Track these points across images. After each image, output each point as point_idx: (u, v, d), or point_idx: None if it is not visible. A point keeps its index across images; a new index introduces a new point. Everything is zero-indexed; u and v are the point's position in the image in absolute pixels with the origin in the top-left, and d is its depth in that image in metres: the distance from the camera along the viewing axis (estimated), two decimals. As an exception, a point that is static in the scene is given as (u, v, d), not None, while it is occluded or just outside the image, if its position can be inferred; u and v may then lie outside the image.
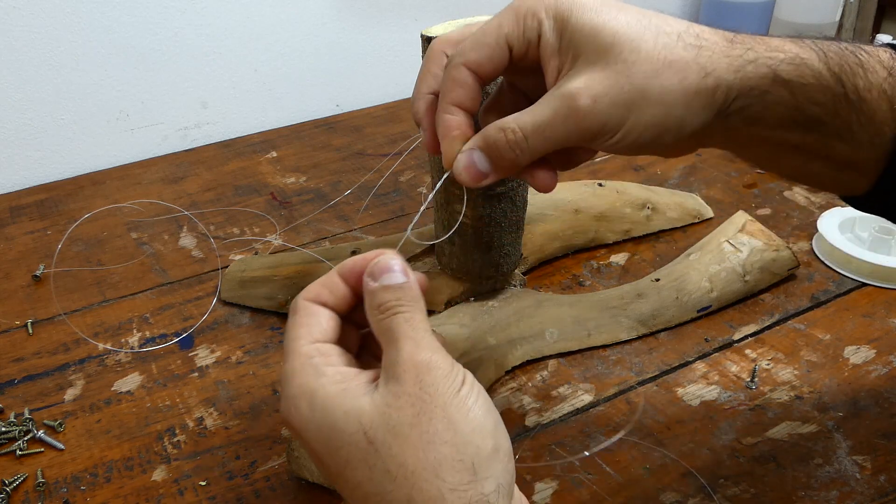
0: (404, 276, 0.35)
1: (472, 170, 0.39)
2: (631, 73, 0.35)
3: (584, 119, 0.36)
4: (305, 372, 0.34)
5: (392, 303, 0.34)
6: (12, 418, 0.56)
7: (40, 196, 0.87)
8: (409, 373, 0.32)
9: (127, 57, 0.90)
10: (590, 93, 0.35)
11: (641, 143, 0.37)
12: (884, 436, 0.52)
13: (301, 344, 0.35)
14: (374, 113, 1.04)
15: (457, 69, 0.38)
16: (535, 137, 0.37)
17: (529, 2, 0.38)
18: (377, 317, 0.34)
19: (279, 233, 0.77)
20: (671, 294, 0.62)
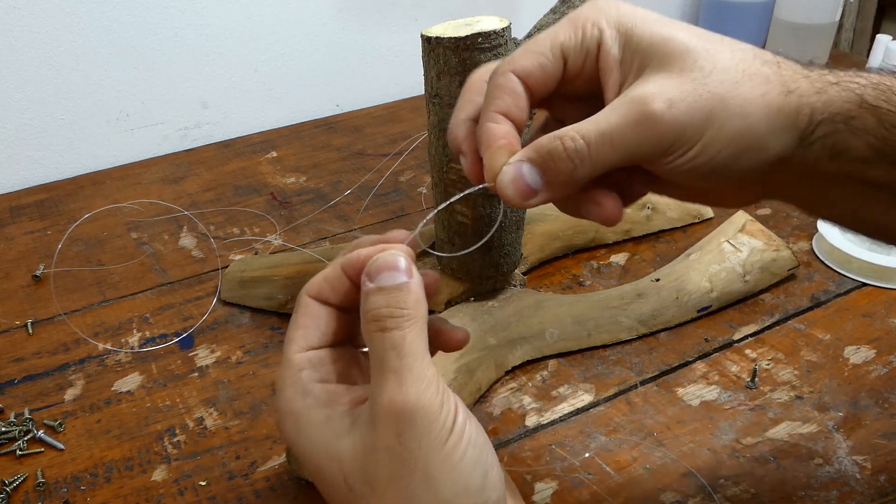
0: (406, 276, 0.31)
1: (520, 183, 0.33)
2: (708, 80, 0.32)
3: (658, 125, 0.31)
4: (293, 386, 0.32)
5: (384, 312, 0.31)
6: (12, 418, 0.56)
7: (40, 196, 0.87)
8: (388, 420, 0.29)
9: (127, 57, 0.90)
10: (664, 96, 0.31)
11: (718, 163, 0.32)
12: (884, 436, 0.52)
13: (293, 350, 0.33)
14: (374, 113, 1.04)
15: (504, 76, 0.34)
16: (598, 147, 0.32)
17: (589, 11, 0.34)
18: (366, 328, 0.31)
19: (279, 233, 0.77)
20: (671, 294, 0.62)
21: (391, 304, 0.31)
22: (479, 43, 0.49)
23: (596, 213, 0.35)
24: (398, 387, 0.29)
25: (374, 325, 0.31)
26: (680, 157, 0.32)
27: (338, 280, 0.34)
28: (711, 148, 0.32)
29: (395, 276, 0.31)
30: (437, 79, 0.52)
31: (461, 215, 0.57)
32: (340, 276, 0.34)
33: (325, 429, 0.31)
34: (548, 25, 0.55)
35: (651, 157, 0.32)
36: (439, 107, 0.53)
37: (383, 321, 0.30)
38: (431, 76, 0.52)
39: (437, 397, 0.30)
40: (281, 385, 0.33)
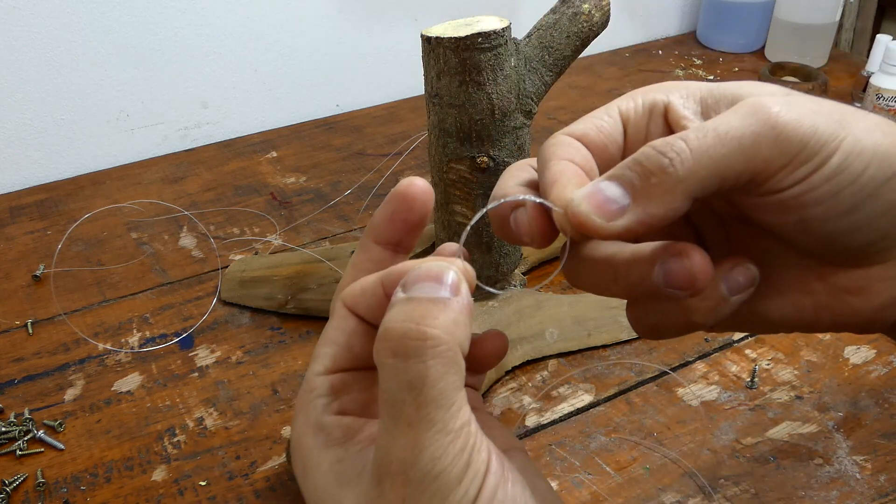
0: (450, 291, 0.24)
1: (599, 197, 0.25)
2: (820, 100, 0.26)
3: (781, 120, 0.24)
4: (306, 416, 0.28)
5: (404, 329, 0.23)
6: (12, 418, 0.56)
7: (40, 196, 0.87)
8: (394, 483, 0.23)
9: (127, 57, 0.90)
10: (779, 99, 0.25)
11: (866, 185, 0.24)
12: (884, 436, 0.52)
13: (315, 370, 0.28)
14: (374, 113, 1.04)
15: (559, 137, 0.28)
16: (701, 142, 0.24)
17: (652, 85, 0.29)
18: (379, 349, 0.24)
19: (279, 233, 0.77)
20: (671, 294, 0.62)
21: (416, 319, 0.23)
22: (479, 43, 0.49)
23: (680, 271, 0.25)
24: (411, 443, 0.23)
25: (388, 346, 0.23)
26: (816, 172, 0.24)
27: (373, 292, 0.27)
28: (854, 161, 0.24)
29: (434, 289, 0.24)
30: (437, 79, 0.52)
31: (461, 216, 0.57)
32: (377, 288, 0.27)
33: (330, 475, 0.26)
34: (548, 25, 0.55)
35: (774, 167, 0.24)
36: (439, 107, 0.53)
37: (401, 343, 0.23)
38: (431, 76, 0.52)
39: (462, 459, 0.23)
40: (297, 409, 0.28)
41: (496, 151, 0.54)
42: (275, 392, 0.58)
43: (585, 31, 0.55)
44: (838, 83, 1.03)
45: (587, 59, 1.13)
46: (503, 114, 0.53)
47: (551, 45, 0.54)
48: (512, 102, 0.53)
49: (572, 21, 0.55)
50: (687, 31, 1.25)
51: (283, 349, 0.62)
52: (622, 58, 1.16)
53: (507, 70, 0.52)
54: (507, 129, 0.53)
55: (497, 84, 0.51)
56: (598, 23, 0.56)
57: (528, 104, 0.54)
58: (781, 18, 1.08)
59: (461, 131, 0.53)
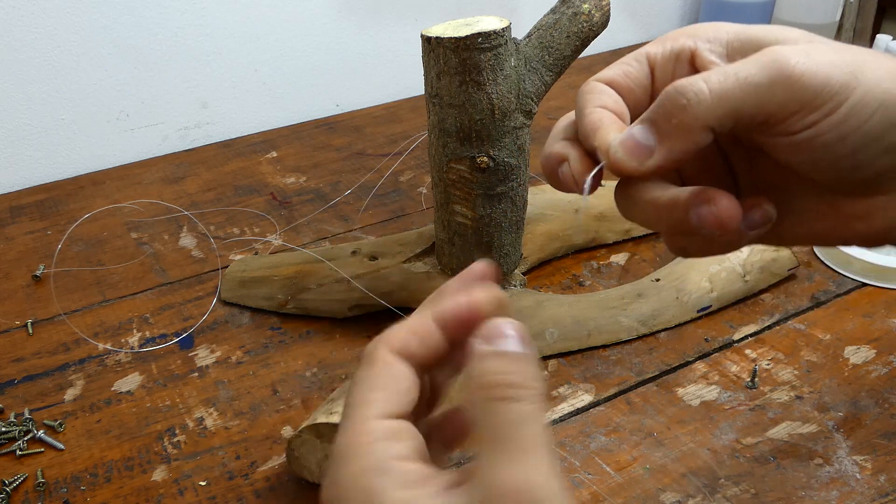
0: (524, 346, 0.27)
1: (630, 143, 0.29)
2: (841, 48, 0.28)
3: (797, 70, 0.27)
4: (366, 459, 0.26)
5: (508, 379, 0.26)
6: (12, 418, 0.56)
7: (40, 196, 0.87)
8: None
9: (127, 57, 0.90)
10: (799, 49, 0.27)
11: (870, 132, 0.27)
12: (884, 436, 0.52)
13: (369, 416, 0.27)
14: (374, 113, 1.04)
15: (590, 84, 0.32)
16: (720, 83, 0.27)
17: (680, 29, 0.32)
18: (486, 395, 0.26)
19: (279, 233, 0.77)
20: (671, 294, 0.62)
21: (516, 373, 0.26)
22: (479, 43, 0.49)
23: (709, 216, 0.28)
24: (524, 467, 0.24)
25: (496, 392, 0.25)
26: (824, 119, 0.27)
27: (429, 333, 0.28)
28: (862, 110, 0.27)
29: (516, 344, 0.27)
30: (437, 79, 0.52)
31: (461, 216, 0.57)
32: (431, 329, 0.28)
33: None
34: (548, 25, 0.55)
35: (787, 112, 0.27)
36: (439, 107, 0.53)
37: (507, 390, 0.25)
38: (431, 76, 0.52)
39: (562, 490, 0.25)
40: (346, 453, 0.26)
41: (496, 151, 0.54)
42: (275, 392, 0.58)
43: (585, 31, 0.55)
44: (838, 83, 1.03)
45: (587, 59, 1.13)
46: (503, 114, 0.53)
47: (551, 45, 0.54)
48: (512, 102, 0.53)
49: (572, 21, 0.55)
50: (687, 31, 1.25)
51: (283, 349, 0.62)
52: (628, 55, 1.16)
53: (507, 70, 0.52)
54: (507, 129, 0.53)
55: (497, 84, 0.51)
56: (598, 23, 0.56)
57: (528, 104, 0.54)
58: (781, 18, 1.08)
59: (461, 131, 0.53)
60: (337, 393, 0.50)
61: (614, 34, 1.15)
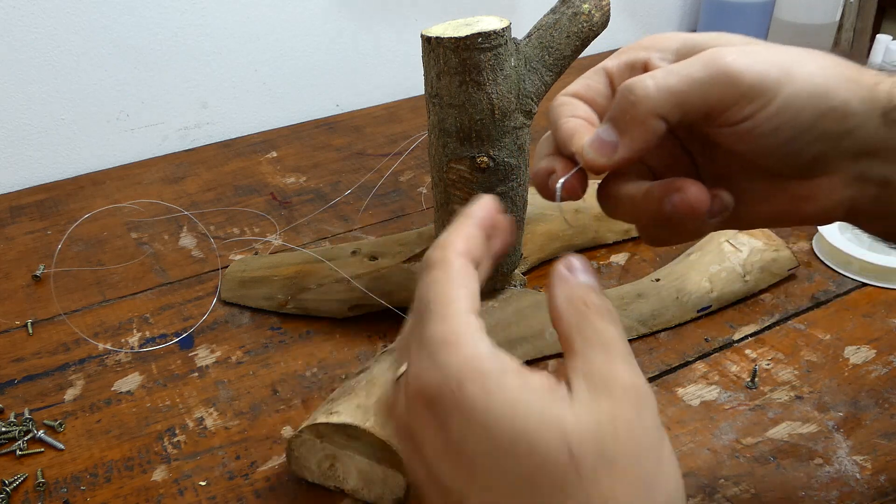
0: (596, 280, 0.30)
1: (597, 142, 0.32)
2: (776, 49, 0.31)
3: (733, 67, 0.30)
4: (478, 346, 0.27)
5: (601, 305, 0.29)
6: (12, 418, 0.56)
7: (40, 196, 0.87)
8: (629, 398, 0.27)
9: (127, 57, 0.90)
10: (737, 49, 0.31)
11: (802, 123, 0.31)
12: (884, 436, 0.52)
13: (461, 310, 0.28)
14: (374, 113, 1.04)
15: (560, 99, 0.36)
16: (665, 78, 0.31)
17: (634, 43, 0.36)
18: (582, 312, 0.29)
19: (279, 233, 0.77)
20: (671, 294, 0.62)
21: (605, 303, 0.30)
22: (479, 43, 0.49)
23: (680, 202, 0.31)
24: (634, 371, 0.28)
25: (597, 314, 0.29)
26: (761, 111, 0.30)
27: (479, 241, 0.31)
28: (794, 102, 0.30)
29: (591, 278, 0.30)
30: (437, 79, 0.52)
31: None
32: (480, 236, 0.32)
33: (530, 394, 0.26)
34: (548, 25, 0.55)
35: (726, 104, 0.31)
36: (439, 107, 0.53)
37: (604, 313, 0.29)
38: (431, 76, 0.52)
39: None
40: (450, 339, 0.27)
41: (496, 151, 0.54)
42: (275, 392, 0.58)
43: (585, 31, 0.55)
44: (838, 83, 1.03)
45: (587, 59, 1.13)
46: (503, 114, 0.53)
47: (551, 45, 0.54)
48: (512, 102, 0.53)
49: (572, 21, 0.55)
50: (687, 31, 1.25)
51: (283, 349, 0.62)
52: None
53: (507, 70, 0.52)
54: (507, 129, 0.53)
55: (497, 84, 0.51)
56: (598, 23, 0.56)
57: (528, 104, 0.54)
58: (781, 18, 1.08)
59: (461, 131, 0.53)
60: (337, 393, 0.50)
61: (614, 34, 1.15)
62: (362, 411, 0.46)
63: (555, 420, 0.26)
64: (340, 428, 0.46)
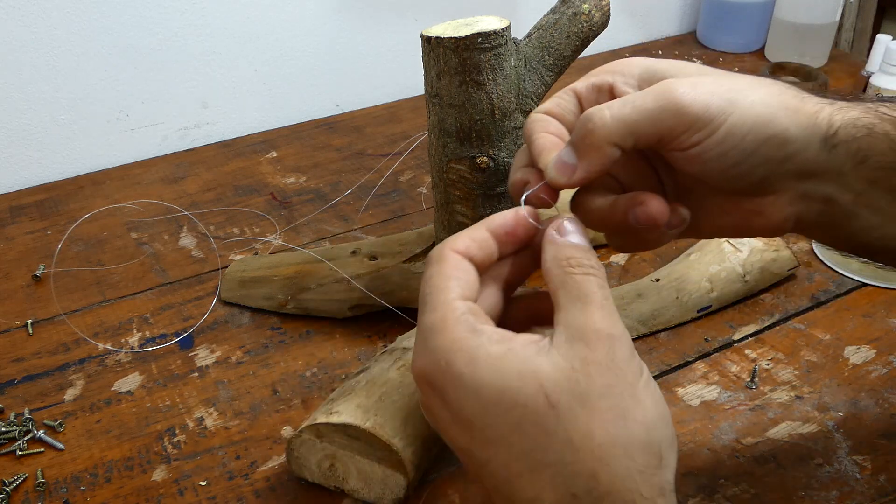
0: (585, 238, 0.34)
1: (559, 163, 0.36)
2: (724, 79, 0.35)
3: (681, 100, 0.33)
4: (459, 326, 0.31)
5: (584, 261, 0.32)
6: (12, 418, 0.56)
7: (40, 196, 0.87)
8: (601, 341, 0.30)
9: (127, 57, 0.90)
10: (688, 81, 0.34)
11: (745, 149, 0.34)
12: (884, 436, 0.52)
13: (451, 296, 0.32)
14: (374, 113, 1.04)
15: (534, 114, 0.39)
16: (620, 109, 0.34)
17: (602, 67, 0.39)
18: (565, 270, 0.32)
19: (279, 233, 0.77)
20: (671, 294, 0.62)
21: (590, 258, 0.33)
22: (479, 43, 0.49)
23: (642, 214, 0.35)
24: (609, 318, 0.31)
25: (579, 269, 0.32)
26: (707, 138, 0.34)
27: (485, 241, 0.35)
28: (737, 130, 0.34)
29: (585, 240, 0.34)
30: (437, 79, 0.52)
31: (461, 215, 0.57)
32: (488, 238, 0.35)
33: (511, 354, 0.30)
34: (548, 25, 0.55)
35: (675, 133, 0.34)
36: (439, 107, 0.53)
37: (587, 268, 0.32)
38: (431, 76, 0.52)
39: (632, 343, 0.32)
40: (436, 328, 0.32)
41: (496, 151, 0.54)
42: (275, 392, 0.58)
43: (585, 31, 0.55)
44: (838, 83, 1.03)
45: (587, 59, 1.13)
46: (503, 114, 0.53)
47: (551, 45, 0.54)
48: (512, 102, 0.53)
49: (572, 21, 0.55)
50: (687, 31, 1.25)
51: (283, 349, 0.62)
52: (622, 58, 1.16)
53: (507, 70, 0.52)
54: (507, 129, 0.53)
55: (497, 84, 0.51)
56: (598, 23, 0.56)
57: (528, 104, 0.54)
58: (781, 18, 1.08)
59: (461, 131, 0.53)
60: (337, 393, 0.50)
61: (614, 34, 1.15)
62: (362, 411, 0.46)
63: (531, 372, 0.30)
64: (340, 428, 0.46)
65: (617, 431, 0.29)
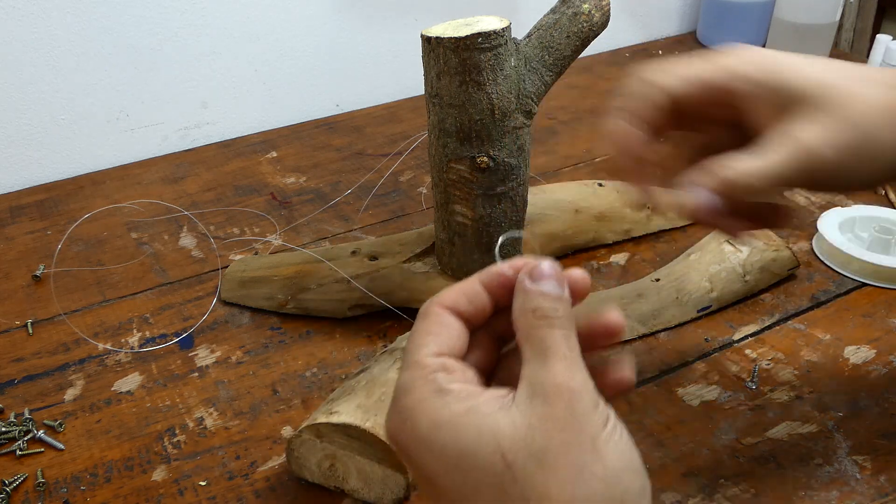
0: (562, 289, 0.33)
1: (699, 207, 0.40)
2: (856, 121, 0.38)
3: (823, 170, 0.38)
4: (426, 386, 0.31)
5: (550, 312, 0.32)
6: (12, 418, 0.56)
7: (40, 196, 0.87)
8: (560, 395, 0.30)
9: (127, 57, 0.90)
10: (831, 143, 0.38)
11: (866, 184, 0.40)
12: (884, 436, 0.52)
13: (423, 354, 0.32)
14: (374, 113, 1.04)
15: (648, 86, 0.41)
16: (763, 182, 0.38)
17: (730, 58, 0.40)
18: (531, 321, 0.32)
19: (279, 233, 0.77)
20: (671, 294, 0.62)
21: (557, 309, 0.32)
22: (479, 43, 0.49)
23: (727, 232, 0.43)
24: (569, 370, 0.30)
25: (542, 320, 0.32)
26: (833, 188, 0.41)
27: (476, 294, 0.34)
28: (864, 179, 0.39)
29: (557, 287, 0.33)
30: (437, 79, 0.52)
31: (461, 216, 0.57)
32: (479, 290, 0.34)
33: (472, 413, 0.30)
34: (548, 25, 0.55)
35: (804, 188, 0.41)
36: (439, 107, 0.53)
37: (552, 319, 0.32)
38: (431, 76, 0.52)
39: (595, 391, 0.31)
40: (406, 387, 0.32)
41: (496, 151, 0.54)
42: (275, 392, 0.58)
43: (585, 31, 0.55)
44: (838, 83, 1.03)
45: (587, 59, 1.13)
46: (503, 114, 0.53)
47: (551, 45, 0.54)
48: (512, 102, 0.53)
49: (572, 21, 0.55)
50: (687, 31, 1.25)
51: (283, 349, 0.62)
52: (622, 58, 1.16)
53: (507, 70, 0.52)
54: (507, 129, 0.53)
55: (497, 84, 0.51)
56: (598, 23, 0.56)
57: (528, 104, 0.54)
58: (781, 18, 1.08)
59: (461, 131, 0.53)
60: (337, 393, 0.50)
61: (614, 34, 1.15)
62: (362, 411, 0.47)
63: (489, 432, 0.29)
64: (340, 428, 0.46)
65: (574, 490, 0.28)
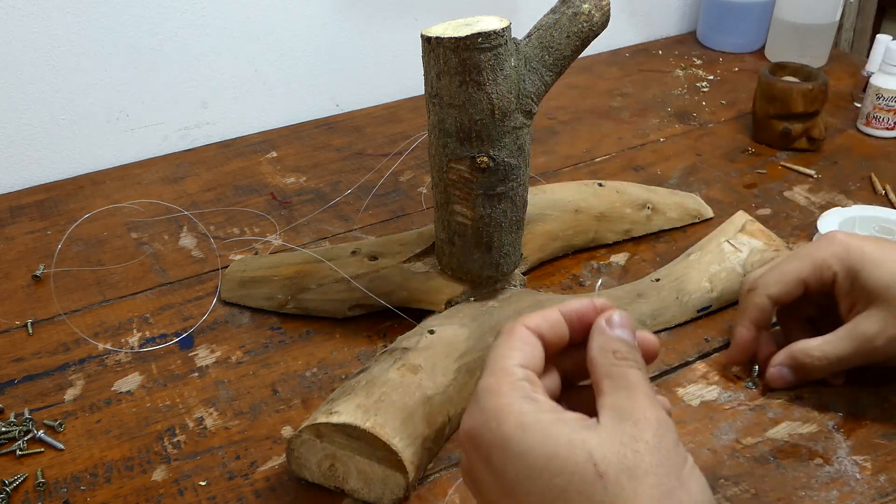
0: (634, 338, 0.35)
1: (782, 381, 0.54)
2: None
3: (875, 353, 0.50)
4: (514, 392, 0.33)
5: (628, 355, 0.34)
6: (12, 418, 0.56)
7: (40, 196, 0.87)
8: (649, 423, 0.31)
9: (127, 57, 0.90)
10: (885, 335, 0.49)
11: None
12: (884, 436, 0.52)
13: (511, 364, 0.34)
14: (374, 113, 1.04)
15: (759, 297, 0.54)
16: (832, 363, 0.51)
17: (823, 253, 0.52)
18: (611, 360, 0.34)
19: (279, 233, 0.77)
20: (671, 294, 0.62)
21: (633, 354, 0.34)
22: (479, 43, 0.49)
23: None
24: (654, 406, 0.32)
25: (624, 361, 0.34)
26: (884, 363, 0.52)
27: (558, 323, 0.36)
28: None
29: (630, 335, 0.35)
30: (437, 79, 0.52)
31: (461, 216, 0.57)
32: (560, 321, 0.36)
33: (561, 423, 0.31)
34: (548, 25, 0.55)
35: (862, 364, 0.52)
36: (439, 107, 0.53)
37: (630, 362, 0.34)
38: (431, 76, 0.52)
39: None
40: (491, 390, 0.33)
41: (496, 151, 0.54)
42: (275, 392, 0.58)
43: (585, 31, 0.55)
44: (838, 83, 1.03)
45: (587, 59, 1.13)
46: (503, 114, 0.53)
47: (551, 45, 0.54)
48: (512, 102, 0.53)
49: (572, 21, 0.55)
50: (687, 31, 1.25)
51: (283, 349, 0.62)
52: (622, 58, 1.16)
53: (507, 70, 0.52)
54: (507, 129, 0.53)
55: (497, 84, 0.51)
56: (598, 23, 0.56)
57: (528, 104, 0.54)
58: (781, 18, 1.08)
59: (461, 131, 0.53)
60: (337, 393, 0.50)
61: (614, 34, 1.15)
62: (362, 411, 0.47)
63: (581, 443, 0.30)
64: (340, 428, 0.46)
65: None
